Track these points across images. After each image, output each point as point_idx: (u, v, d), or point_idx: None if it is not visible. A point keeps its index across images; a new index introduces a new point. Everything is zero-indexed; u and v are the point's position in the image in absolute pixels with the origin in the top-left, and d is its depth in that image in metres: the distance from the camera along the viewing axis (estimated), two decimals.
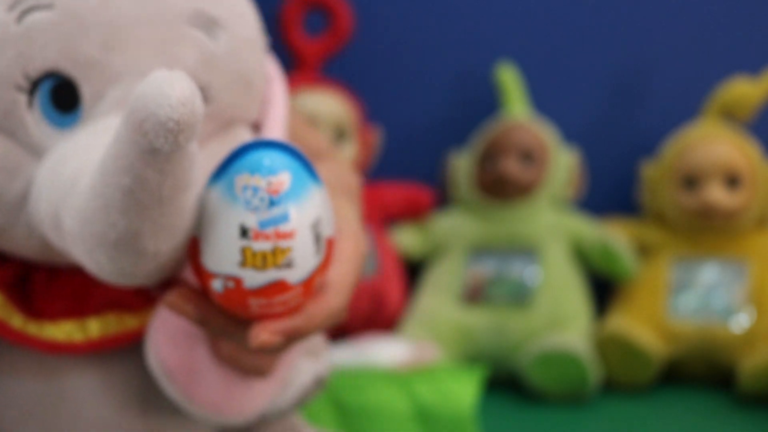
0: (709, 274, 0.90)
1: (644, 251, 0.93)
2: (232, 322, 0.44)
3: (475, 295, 0.91)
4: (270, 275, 0.40)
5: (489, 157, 0.94)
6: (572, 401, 0.84)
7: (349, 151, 0.91)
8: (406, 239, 0.96)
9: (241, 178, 0.39)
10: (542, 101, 0.99)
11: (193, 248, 0.41)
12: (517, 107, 0.95)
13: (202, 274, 0.41)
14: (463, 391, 0.70)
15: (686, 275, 0.91)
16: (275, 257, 0.39)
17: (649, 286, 0.91)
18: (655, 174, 0.93)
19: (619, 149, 0.99)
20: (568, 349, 0.83)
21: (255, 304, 0.41)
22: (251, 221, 0.39)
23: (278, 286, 0.40)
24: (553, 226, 0.93)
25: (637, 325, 0.88)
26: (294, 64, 0.93)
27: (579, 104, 1.00)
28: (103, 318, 0.48)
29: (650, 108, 0.99)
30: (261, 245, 0.39)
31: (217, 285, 0.41)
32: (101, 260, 0.40)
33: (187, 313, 0.43)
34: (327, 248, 0.42)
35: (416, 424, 0.69)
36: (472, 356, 0.89)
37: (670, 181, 0.92)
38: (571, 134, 0.98)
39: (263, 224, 0.39)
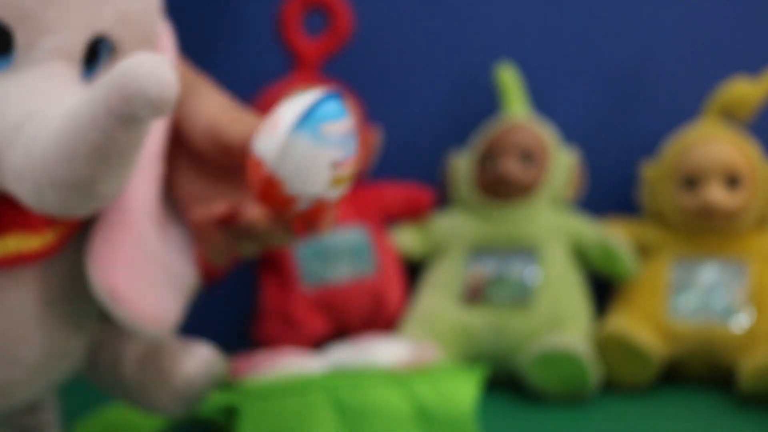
0: (709, 274, 0.90)
1: (644, 251, 0.93)
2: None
3: (475, 295, 0.91)
4: (344, 188, 0.53)
5: (489, 157, 0.94)
6: (572, 401, 0.84)
7: None
8: (406, 239, 0.96)
9: (327, 127, 0.50)
10: (542, 101, 0.99)
11: (270, 184, 0.51)
12: (517, 107, 0.95)
13: (285, 200, 0.51)
14: (463, 391, 0.70)
15: (686, 275, 0.91)
16: (350, 177, 0.52)
17: (649, 286, 0.91)
18: (655, 174, 0.93)
19: (619, 149, 0.99)
20: (568, 349, 0.83)
21: (328, 213, 0.55)
22: (338, 156, 0.51)
23: (343, 195, 0.53)
24: (554, 226, 0.93)
25: (637, 325, 0.88)
26: (294, 64, 0.93)
27: (579, 104, 1.00)
28: (7, 238, 0.54)
29: (650, 108, 0.99)
30: (343, 171, 0.52)
31: (302, 205, 0.52)
32: (50, 198, 0.46)
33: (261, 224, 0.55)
34: None
35: (416, 424, 0.69)
36: (472, 356, 0.89)
37: (670, 181, 0.92)
38: (571, 134, 0.98)
39: (345, 155, 0.51)
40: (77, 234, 0.58)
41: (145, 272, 0.57)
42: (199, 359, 0.65)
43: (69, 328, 0.58)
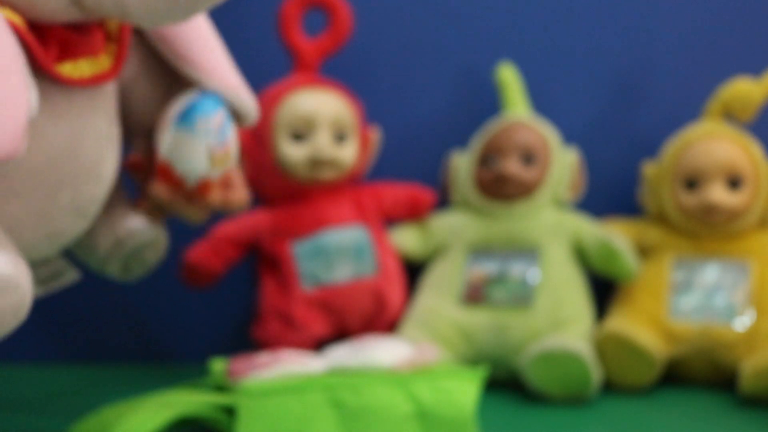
0: (710, 274, 0.90)
1: (645, 251, 0.93)
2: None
3: (475, 295, 0.91)
4: (224, 168, 0.67)
5: (489, 157, 0.93)
6: (573, 402, 0.84)
7: (349, 151, 0.91)
8: (406, 239, 0.96)
9: (201, 121, 0.64)
10: (542, 101, 0.98)
11: (165, 168, 0.66)
12: (517, 107, 0.95)
13: (177, 181, 0.67)
14: (463, 392, 0.70)
15: (687, 276, 0.91)
16: (227, 157, 0.67)
17: (650, 287, 0.91)
18: (655, 174, 0.93)
19: (620, 150, 0.99)
20: (568, 350, 0.83)
21: (215, 189, 0.70)
22: (213, 143, 0.65)
23: (227, 175, 0.70)
24: (554, 226, 0.93)
25: (638, 326, 0.88)
26: (294, 63, 0.93)
27: (579, 104, 1.00)
28: (81, 62, 0.61)
29: (651, 108, 0.99)
30: (220, 155, 0.65)
31: (191, 184, 0.67)
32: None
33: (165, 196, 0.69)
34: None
35: (416, 424, 0.69)
36: (472, 357, 0.89)
37: (671, 181, 0.91)
38: (571, 134, 0.98)
39: (219, 144, 0.66)
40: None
41: None
42: (143, 220, 0.74)
43: (119, 144, 0.67)
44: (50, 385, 0.89)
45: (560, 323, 0.87)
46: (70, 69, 0.60)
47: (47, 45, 0.58)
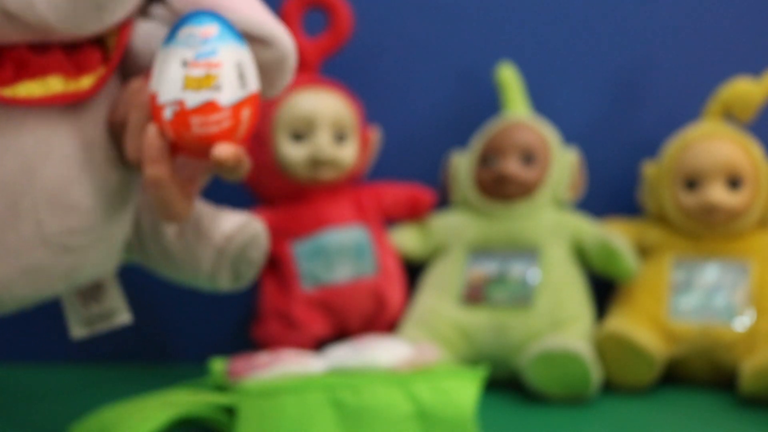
0: (710, 274, 0.90)
1: (645, 252, 0.93)
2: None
3: (475, 295, 0.91)
4: (204, 95, 0.54)
5: (489, 157, 0.93)
6: (573, 402, 0.84)
7: (349, 151, 0.91)
8: (406, 239, 0.96)
9: (183, 30, 0.55)
10: (542, 101, 0.98)
11: (151, 100, 0.55)
12: (517, 107, 0.95)
13: (158, 111, 0.55)
14: (463, 392, 0.70)
15: (687, 276, 0.91)
16: (208, 80, 0.54)
17: (650, 287, 0.91)
18: (655, 174, 0.93)
19: (620, 150, 0.99)
20: (568, 350, 0.83)
21: (196, 122, 0.54)
22: (189, 55, 0.54)
23: (211, 106, 0.54)
24: (554, 226, 0.93)
25: (638, 326, 0.88)
26: None
27: (579, 104, 1.00)
28: (49, 79, 0.58)
29: (651, 108, 0.99)
30: (196, 71, 0.54)
31: (167, 113, 0.54)
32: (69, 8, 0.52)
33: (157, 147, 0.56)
34: (251, 96, 0.56)
35: (416, 424, 0.69)
36: (472, 357, 0.89)
37: (671, 181, 0.91)
38: (571, 134, 0.98)
39: (198, 56, 0.54)
40: (110, 82, 0.62)
41: None
42: (237, 219, 0.68)
43: (110, 171, 0.61)
44: (50, 385, 0.89)
45: (560, 323, 0.87)
46: (29, 88, 0.57)
47: (1, 65, 0.57)
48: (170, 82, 0.54)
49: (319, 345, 0.91)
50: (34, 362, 0.98)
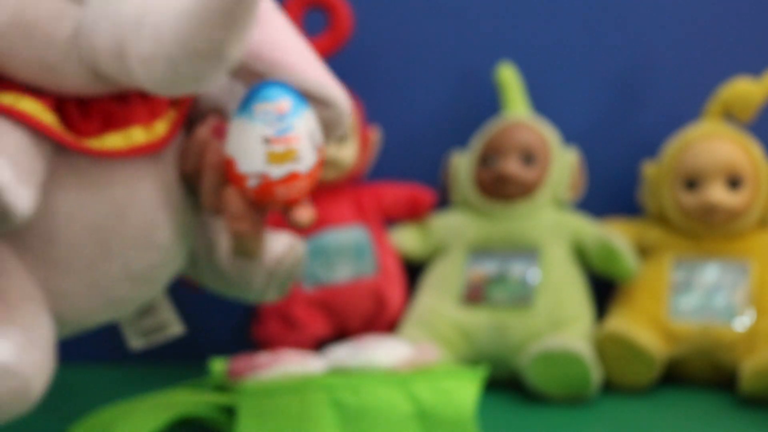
0: (710, 274, 0.90)
1: (645, 252, 0.93)
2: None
3: (475, 295, 0.91)
4: (287, 168, 0.58)
5: (489, 157, 0.93)
6: (573, 402, 0.84)
7: (350, 152, 0.91)
8: (406, 239, 0.96)
9: (258, 106, 0.57)
10: (542, 101, 0.98)
11: (228, 165, 0.59)
12: (517, 107, 0.95)
13: (239, 178, 0.59)
14: (463, 391, 0.70)
15: (687, 276, 0.91)
16: (289, 155, 0.58)
17: (649, 287, 0.91)
18: (655, 174, 0.93)
19: (620, 150, 0.99)
20: (569, 350, 0.82)
21: (280, 191, 0.59)
22: (269, 132, 0.57)
23: (293, 176, 0.58)
24: (554, 226, 0.93)
25: (638, 326, 0.88)
26: None
27: (579, 104, 0.99)
28: (132, 130, 0.61)
29: (651, 109, 0.99)
30: (278, 147, 0.57)
31: (251, 182, 0.58)
32: (185, 71, 0.52)
33: (236, 205, 0.60)
34: (320, 152, 0.60)
35: (416, 424, 0.69)
36: (472, 357, 0.89)
37: (671, 181, 0.91)
38: (571, 134, 0.98)
39: (277, 133, 0.57)
40: (182, 127, 0.66)
41: None
42: (284, 242, 0.71)
43: (187, 211, 0.66)
44: (50, 385, 0.89)
45: (560, 323, 0.87)
46: (114, 140, 0.60)
47: (89, 118, 0.60)
48: (252, 156, 0.58)
49: (319, 345, 0.91)
50: None
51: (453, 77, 1.00)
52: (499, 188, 0.93)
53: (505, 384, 0.88)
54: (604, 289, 0.95)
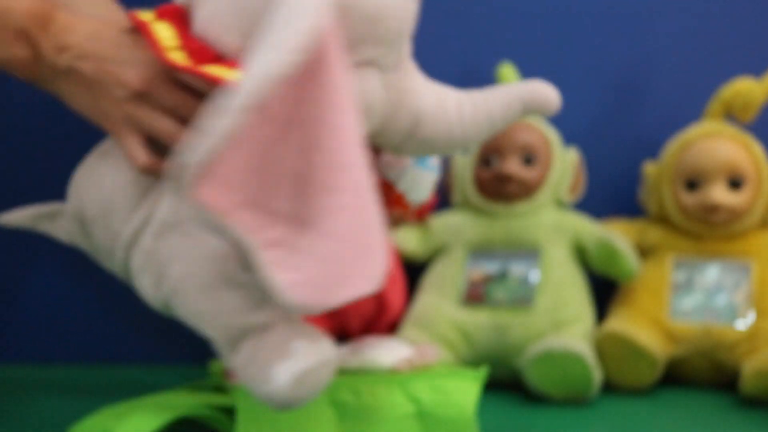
0: (711, 274, 0.90)
1: (646, 252, 0.93)
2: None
3: (475, 295, 0.91)
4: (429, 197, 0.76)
5: (490, 157, 0.93)
6: (573, 402, 0.84)
7: None
8: (406, 239, 0.96)
9: (433, 159, 0.74)
10: None
11: (400, 198, 0.74)
12: None
13: (406, 205, 0.75)
14: (463, 392, 0.70)
15: (688, 276, 0.90)
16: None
17: (651, 287, 0.91)
18: (656, 174, 0.93)
19: (620, 150, 0.99)
20: (569, 350, 0.82)
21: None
22: (437, 176, 0.74)
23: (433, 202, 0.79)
24: (555, 226, 0.93)
25: (639, 326, 0.87)
26: None
27: (579, 104, 0.99)
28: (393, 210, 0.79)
29: (652, 109, 0.99)
30: (434, 183, 0.75)
31: (414, 206, 0.75)
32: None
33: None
34: None
35: (416, 424, 0.69)
36: (472, 357, 0.89)
37: (672, 181, 0.91)
38: (571, 134, 0.98)
39: (439, 175, 0.75)
40: None
41: None
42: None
43: None
44: (51, 385, 0.89)
45: (561, 323, 0.87)
46: None
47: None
48: (425, 194, 0.74)
49: None
50: (34, 363, 0.98)
51: (453, 77, 1.00)
52: (499, 188, 0.93)
53: (506, 384, 0.88)
54: (605, 289, 0.95)
